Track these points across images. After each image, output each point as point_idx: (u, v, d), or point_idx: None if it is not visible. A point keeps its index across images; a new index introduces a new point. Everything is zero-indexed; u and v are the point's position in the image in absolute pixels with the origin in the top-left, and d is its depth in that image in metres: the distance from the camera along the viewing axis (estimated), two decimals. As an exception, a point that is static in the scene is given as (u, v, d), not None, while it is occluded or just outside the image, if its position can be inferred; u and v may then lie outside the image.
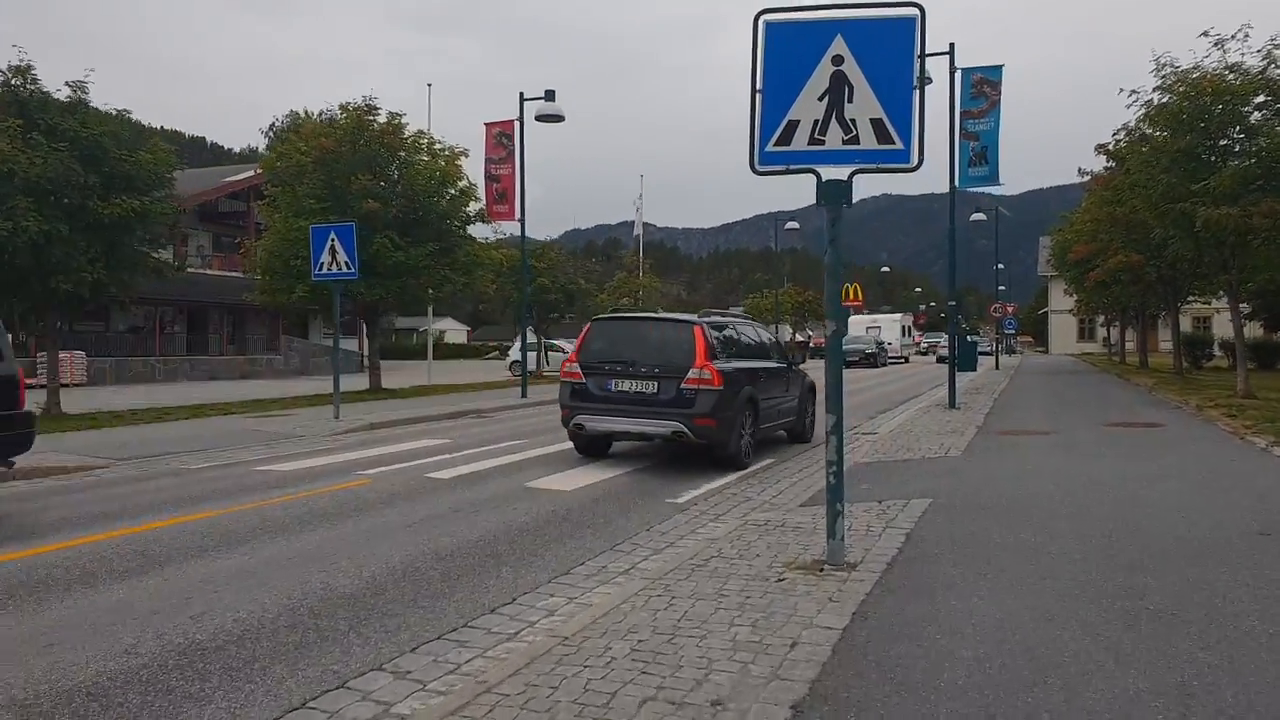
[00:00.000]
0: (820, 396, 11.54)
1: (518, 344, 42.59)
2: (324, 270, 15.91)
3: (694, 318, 10.94)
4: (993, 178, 17.76)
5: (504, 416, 17.71)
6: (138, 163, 15.89)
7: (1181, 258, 21.53)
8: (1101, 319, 53.37)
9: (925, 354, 65.76)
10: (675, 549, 6.54)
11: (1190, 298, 27.98)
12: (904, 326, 53.04)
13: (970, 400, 19.28)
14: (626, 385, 10.39)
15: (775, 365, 12.19)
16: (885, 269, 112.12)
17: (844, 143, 5.51)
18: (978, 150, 17.85)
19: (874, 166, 5.56)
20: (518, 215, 21.24)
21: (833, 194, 5.66)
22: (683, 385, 10.11)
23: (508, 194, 21.07)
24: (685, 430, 10.12)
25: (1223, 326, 42.83)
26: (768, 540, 6.41)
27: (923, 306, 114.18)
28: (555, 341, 43.95)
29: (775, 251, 47.48)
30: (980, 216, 40.27)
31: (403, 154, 23.21)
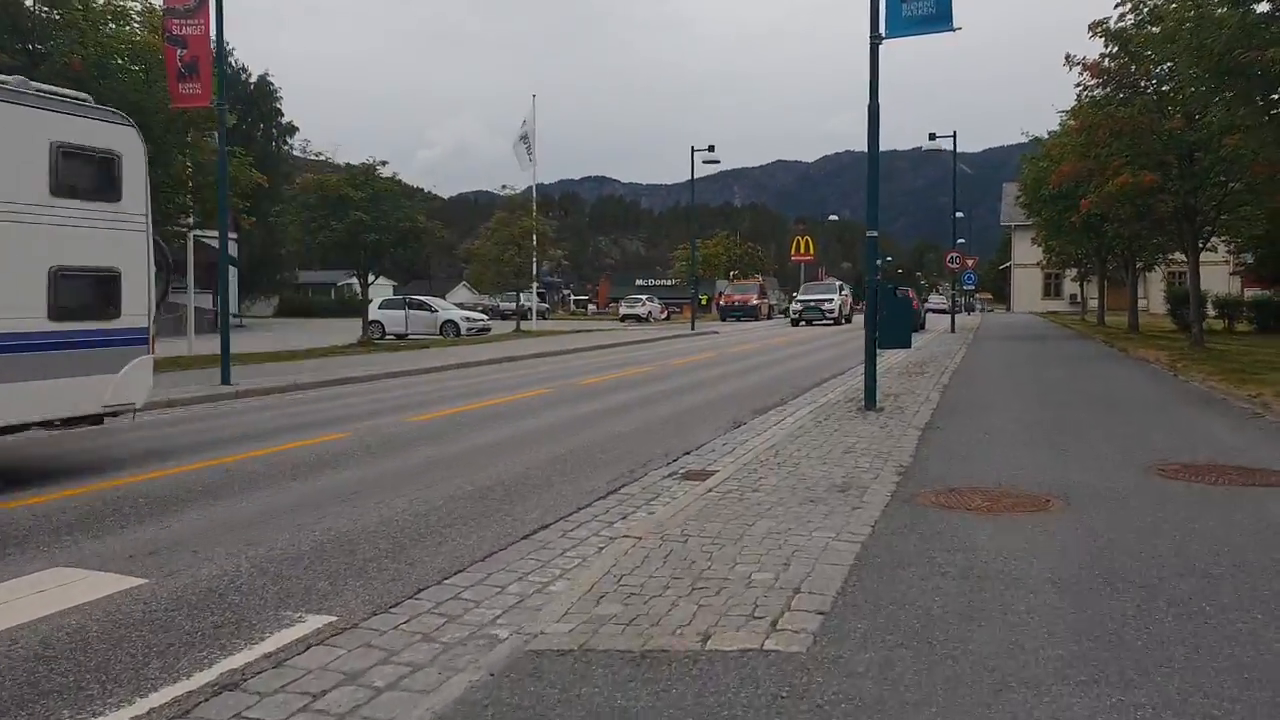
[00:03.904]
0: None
1: (377, 302, 34.97)
2: None
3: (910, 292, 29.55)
4: (942, 19, 10.39)
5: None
6: None
7: (1242, 155, 14.32)
8: (1073, 273, 46.65)
9: (760, 316, 48.44)
10: None
11: (1210, 239, 20.83)
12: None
13: (903, 391, 12.16)
14: None
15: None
16: (833, 216, 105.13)
17: None
18: (920, -26, 10.50)
19: None
20: (212, 99, 13.57)
21: None
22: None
23: (198, 64, 13.34)
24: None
25: (1207, 281, 36.23)
26: None
27: (880, 261, 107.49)
28: (425, 299, 36.30)
29: (692, 201, 39.91)
30: (934, 147, 33.24)
31: (85, 19, 15.37)
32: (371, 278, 31.71)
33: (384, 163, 24.87)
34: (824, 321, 38.47)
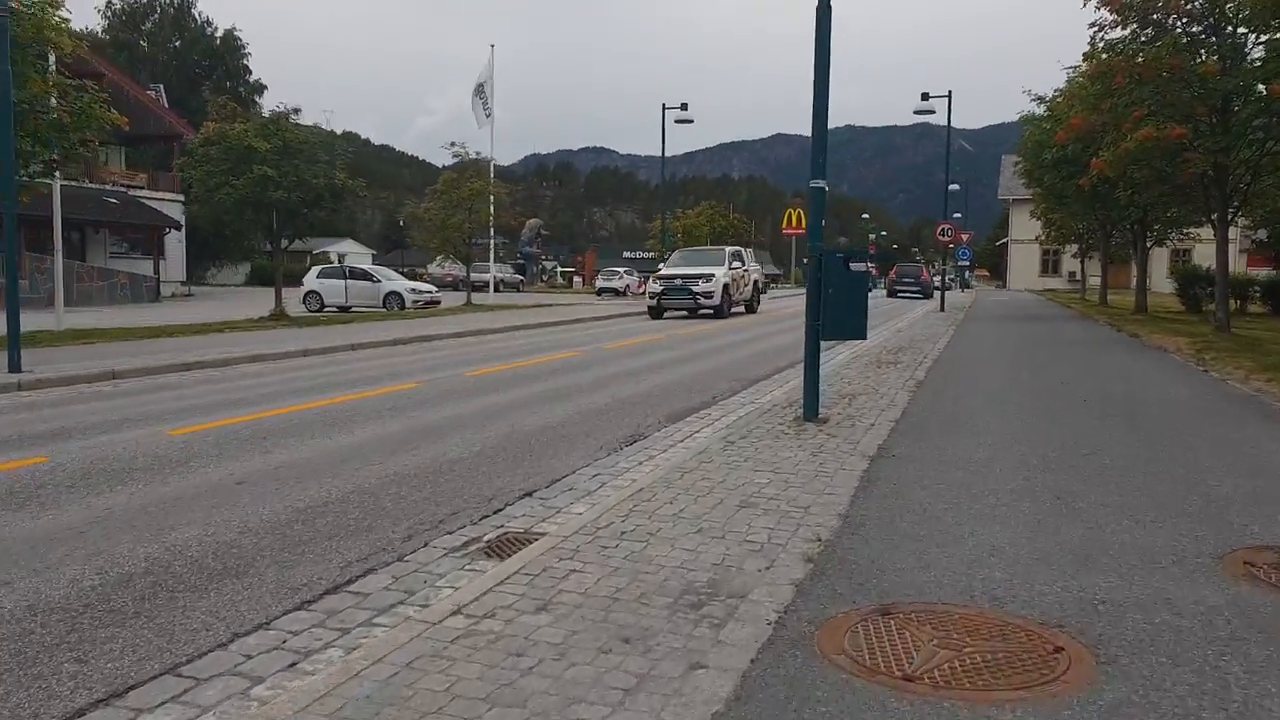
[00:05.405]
0: None
1: (314, 271, 32.11)
2: None
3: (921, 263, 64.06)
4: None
5: None
6: None
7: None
8: (1073, 249, 43.88)
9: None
10: None
11: (1240, 208, 17.94)
12: None
13: (863, 390, 9.43)
14: (908, 281, 47.44)
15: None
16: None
17: None
18: None
19: None
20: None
21: None
22: (920, 280, 47.31)
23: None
24: (921, 291, 45.08)
25: (1207, 258, 33.60)
26: None
27: (873, 236, 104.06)
28: (369, 268, 33.46)
29: (663, 178, 36.88)
30: (927, 108, 30.33)
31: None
32: (344, 245, 28.58)
33: (297, 110, 21.91)
34: (704, 310, 25.10)
